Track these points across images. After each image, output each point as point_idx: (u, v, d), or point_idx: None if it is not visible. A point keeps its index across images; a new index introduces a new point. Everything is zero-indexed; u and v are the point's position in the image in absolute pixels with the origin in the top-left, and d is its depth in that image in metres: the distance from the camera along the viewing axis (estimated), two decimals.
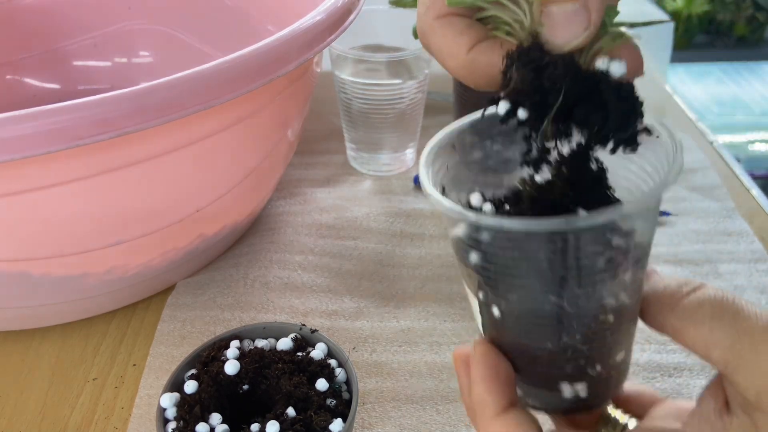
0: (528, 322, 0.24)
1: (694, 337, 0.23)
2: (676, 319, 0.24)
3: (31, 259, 0.36)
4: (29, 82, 0.63)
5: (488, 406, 0.25)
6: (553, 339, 0.24)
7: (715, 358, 0.23)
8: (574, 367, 0.25)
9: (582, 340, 0.24)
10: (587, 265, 0.22)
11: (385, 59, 0.52)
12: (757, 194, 0.57)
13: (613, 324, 0.24)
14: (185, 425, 0.31)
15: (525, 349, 0.25)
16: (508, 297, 0.24)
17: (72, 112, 0.28)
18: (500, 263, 0.23)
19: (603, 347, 0.24)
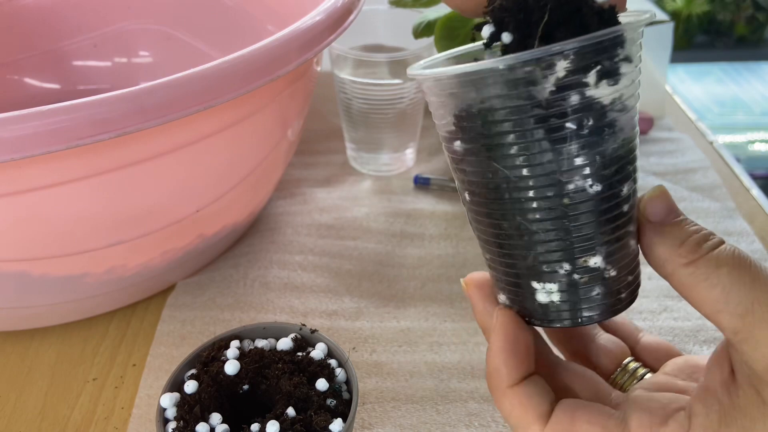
0: (484, 197, 0.24)
1: (705, 297, 0.22)
2: (689, 274, 0.23)
3: (30, 259, 0.36)
4: (29, 82, 0.63)
5: (503, 377, 0.25)
6: (508, 218, 0.24)
7: (725, 323, 0.22)
8: (536, 259, 0.24)
9: (533, 220, 0.23)
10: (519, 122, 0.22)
11: (385, 59, 0.52)
12: (758, 194, 0.57)
13: (570, 209, 0.23)
14: (185, 425, 0.31)
15: (492, 236, 0.25)
16: (466, 170, 0.24)
17: (72, 112, 0.28)
18: (451, 129, 0.24)
19: (562, 237, 0.23)
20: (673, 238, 0.24)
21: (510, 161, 0.23)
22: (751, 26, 1.91)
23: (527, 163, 0.23)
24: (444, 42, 0.48)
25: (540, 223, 0.23)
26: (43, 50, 0.63)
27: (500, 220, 0.24)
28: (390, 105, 0.54)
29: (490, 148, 0.23)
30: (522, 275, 0.25)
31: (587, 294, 0.25)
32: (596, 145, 0.23)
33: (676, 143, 0.63)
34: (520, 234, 0.24)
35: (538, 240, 0.24)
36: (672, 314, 0.44)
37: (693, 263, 0.23)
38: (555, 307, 0.25)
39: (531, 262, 0.24)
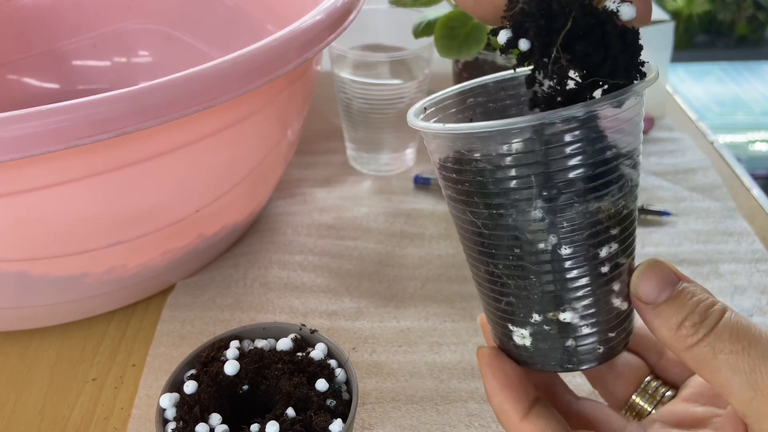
0: (463, 241, 0.26)
1: (713, 381, 0.22)
2: (692, 358, 0.23)
3: (30, 259, 0.36)
4: (29, 82, 0.63)
5: (510, 415, 0.25)
6: (482, 264, 0.25)
7: (734, 405, 0.22)
8: (508, 305, 0.25)
9: (504, 272, 0.24)
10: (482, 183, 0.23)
11: (385, 59, 0.52)
12: (758, 194, 0.56)
13: (536, 267, 0.23)
14: (185, 425, 0.31)
15: (474, 275, 0.26)
16: (455, 214, 0.25)
17: (71, 112, 0.28)
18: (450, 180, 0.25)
19: (530, 290, 0.24)
20: (669, 321, 0.23)
21: (481, 214, 0.24)
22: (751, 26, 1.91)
23: (496, 218, 0.23)
24: (444, 42, 0.48)
25: (509, 275, 0.24)
26: (42, 50, 0.63)
27: (478, 263, 0.25)
28: (390, 105, 0.54)
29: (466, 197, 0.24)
30: (500, 316, 0.26)
31: (559, 345, 0.25)
32: (563, 210, 0.22)
33: (677, 143, 0.63)
34: (493, 280, 0.25)
35: (508, 290, 0.25)
36: None
37: (693, 348, 0.23)
38: (528, 352, 0.26)
39: (504, 306, 0.25)
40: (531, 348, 0.25)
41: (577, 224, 0.23)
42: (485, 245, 0.24)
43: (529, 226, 0.23)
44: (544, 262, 0.23)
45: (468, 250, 0.26)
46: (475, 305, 0.45)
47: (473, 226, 0.24)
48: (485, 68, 0.53)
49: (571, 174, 0.22)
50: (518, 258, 0.24)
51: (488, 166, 0.22)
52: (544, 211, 0.22)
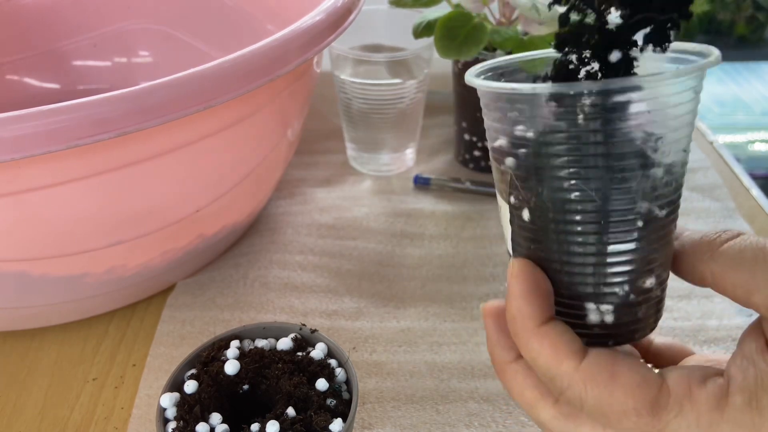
0: (556, 219, 0.24)
1: (735, 282, 0.23)
2: (716, 264, 0.23)
3: (30, 259, 0.36)
4: (29, 82, 0.63)
5: (529, 317, 0.24)
6: (581, 239, 0.24)
7: (756, 301, 0.23)
8: (599, 281, 0.24)
9: (609, 241, 0.23)
10: (615, 148, 0.22)
11: (385, 59, 0.52)
12: (758, 194, 0.56)
13: (643, 232, 0.23)
14: (185, 425, 0.31)
15: (553, 257, 0.25)
16: (539, 189, 0.24)
17: (72, 112, 0.28)
18: (534, 152, 0.23)
19: (630, 259, 0.24)
20: (690, 240, 0.25)
21: (596, 183, 0.23)
22: (751, 26, 1.91)
23: (617, 190, 0.23)
24: (444, 42, 0.48)
25: (613, 245, 0.24)
26: (43, 50, 0.63)
27: (571, 243, 0.24)
28: (390, 105, 0.54)
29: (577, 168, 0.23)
30: (578, 296, 0.25)
31: (636, 314, 0.25)
32: (678, 169, 0.24)
33: None
34: (590, 255, 0.24)
35: (608, 262, 0.24)
36: (672, 314, 0.44)
37: (718, 254, 0.24)
38: (604, 327, 0.25)
39: (594, 282, 0.24)
40: (608, 322, 0.25)
41: (677, 183, 0.24)
42: (595, 215, 0.23)
43: (642, 191, 0.23)
44: (650, 228, 0.24)
45: (559, 229, 0.24)
46: (475, 305, 0.45)
47: (581, 197, 0.23)
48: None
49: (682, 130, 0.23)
50: (629, 225, 0.23)
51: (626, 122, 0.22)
52: (664, 171, 0.23)
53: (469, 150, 0.59)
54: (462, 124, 0.58)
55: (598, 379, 0.23)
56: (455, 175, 0.58)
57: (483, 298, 0.45)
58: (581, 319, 0.25)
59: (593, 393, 0.23)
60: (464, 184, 0.56)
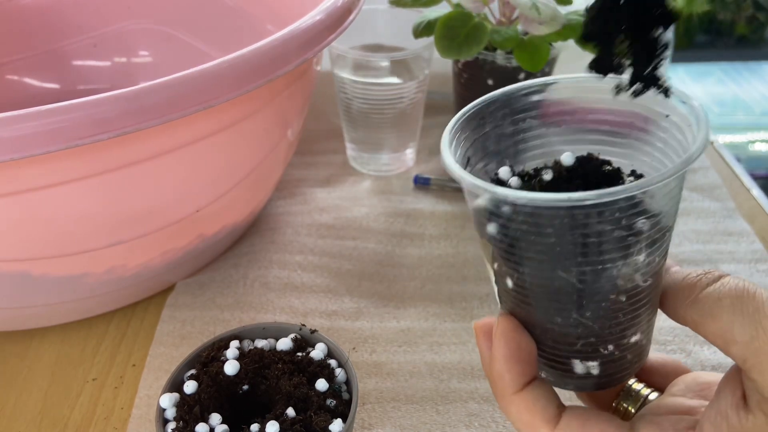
0: (539, 295, 0.24)
1: (714, 331, 0.23)
2: (695, 311, 0.23)
3: (30, 259, 0.36)
4: (29, 82, 0.63)
5: (508, 384, 0.25)
6: (563, 314, 0.24)
7: (734, 353, 0.22)
8: (585, 344, 0.24)
9: (592, 318, 0.24)
10: (596, 244, 0.22)
11: (385, 59, 0.52)
12: (758, 194, 0.56)
13: (626, 305, 0.24)
14: (185, 425, 0.31)
15: (536, 322, 0.25)
16: (520, 269, 0.24)
17: (71, 111, 0.28)
18: (515, 236, 0.23)
19: (615, 327, 0.24)
20: (674, 281, 0.25)
21: (575, 268, 0.23)
22: (751, 26, 1.91)
23: (594, 272, 0.23)
24: (444, 42, 0.48)
25: (597, 319, 0.24)
26: (43, 50, 0.63)
27: (553, 314, 0.24)
28: (390, 105, 0.54)
29: (555, 256, 0.23)
30: (563, 356, 0.25)
31: (621, 365, 0.26)
32: (661, 245, 0.24)
33: None
34: (574, 326, 0.24)
35: (589, 332, 0.24)
36: None
37: (697, 300, 0.23)
38: (590, 377, 0.26)
39: (580, 347, 0.25)
40: (594, 374, 0.25)
41: (662, 255, 0.24)
42: (578, 297, 0.23)
43: (635, 269, 0.23)
44: (635, 299, 0.24)
45: (539, 306, 0.24)
46: (475, 305, 0.45)
47: (562, 282, 0.23)
48: (485, 68, 0.53)
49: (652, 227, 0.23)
50: (611, 301, 0.23)
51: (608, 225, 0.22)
52: (646, 254, 0.23)
53: None
54: None
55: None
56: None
57: (483, 298, 0.45)
58: (568, 371, 0.26)
59: None
60: None
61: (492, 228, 0.24)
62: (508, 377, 0.25)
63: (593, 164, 0.26)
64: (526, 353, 0.25)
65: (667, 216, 0.23)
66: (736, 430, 0.22)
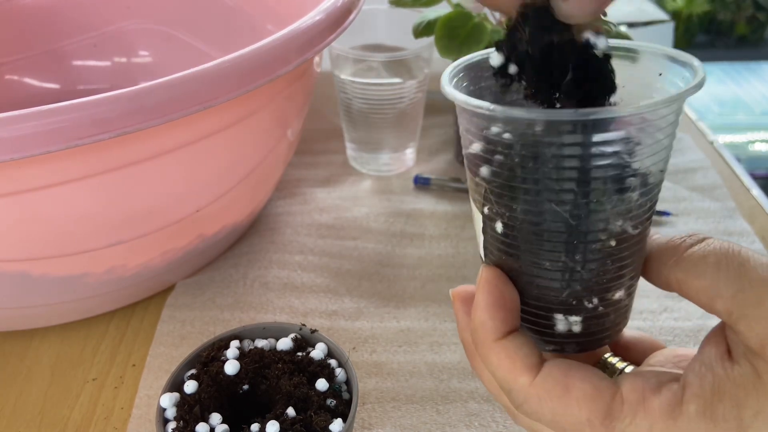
0: (529, 236, 0.24)
1: (698, 288, 0.23)
2: (680, 270, 0.24)
3: (30, 259, 0.36)
4: (29, 82, 0.63)
5: (490, 330, 0.25)
6: (552, 256, 0.24)
7: (719, 307, 0.23)
8: (570, 295, 0.24)
9: (581, 261, 0.24)
10: (592, 173, 0.22)
11: (385, 59, 0.52)
12: (758, 194, 0.56)
13: (615, 250, 0.24)
14: (185, 425, 0.31)
15: (523, 269, 0.25)
16: (513, 206, 0.24)
17: (71, 111, 0.28)
18: (509, 168, 0.23)
19: (602, 276, 0.24)
20: (657, 245, 0.25)
21: (570, 199, 0.23)
22: (751, 26, 1.91)
23: (587, 205, 0.23)
24: (444, 42, 0.48)
25: (586, 263, 0.24)
26: (43, 50, 0.63)
27: (543, 259, 0.24)
28: (390, 105, 0.54)
29: (550, 185, 0.23)
30: (547, 307, 0.25)
31: (604, 324, 0.25)
32: (652, 189, 0.24)
33: (677, 143, 0.63)
34: (562, 271, 0.24)
35: (579, 278, 0.24)
36: (672, 314, 0.44)
37: (682, 259, 0.24)
38: (572, 336, 0.25)
39: (565, 297, 0.25)
40: (576, 332, 0.25)
41: (651, 203, 0.24)
42: (569, 235, 0.23)
43: (628, 210, 0.23)
44: (623, 245, 0.24)
45: (529, 247, 0.24)
46: None
47: (555, 217, 0.23)
48: (485, 68, 0.52)
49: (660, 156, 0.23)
50: (602, 243, 0.23)
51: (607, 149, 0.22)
52: (639, 194, 0.23)
53: None
54: None
55: (552, 394, 0.24)
56: (455, 175, 0.58)
57: None
58: (549, 329, 0.26)
59: (548, 407, 0.24)
60: (464, 184, 0.56)
61: (485, 169, 0.24)
62: (491, 324, 0.24)
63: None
64: (509, 301, 0.25)
65: (658, 161, 0.23)
66: (721, 379, 0.22)
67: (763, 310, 0.21)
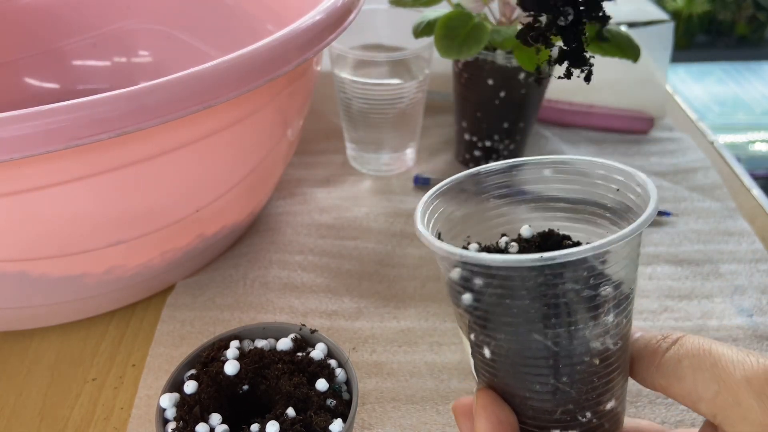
0: (517, 362, 0.25)
1: (680, 392, 0.24)
2: (660, 376, 0.24)
3: (29, 259, 0.36)
4: (29, 81, 0.63)
5: None
6: (541, 380, 0.25)
7: (703, 410, 0.23)
8: (563, 412, 0.25)
9: (569, 383, 0.24)
10: (568, 305, 0.23)
11: (385, 59, 0.52)
12: (758, 194, 0.56)
13: (600, 368, 0.24)
14: (185, 425, 0.31)
15: (516, 392, 0.26)
16: (497, 336, 0.25)
17: (71, 111, 0.28)
18: (489, 303, 0.24)
19: (591, 392, 0.25)
20: (638, 348, 0.26)
21: (550, 330, 0.24)
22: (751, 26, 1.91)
23: (568, 333, 0.24)
24: (444, 42, 0.48)
25: (574, 383, 0.24)
26: (42, 50, 0.63)
27: (533, 382, 0.25)
28: (390, 105, 0.54)
29: (529, 318, 0.24)
30: (543, 426, 0.26)
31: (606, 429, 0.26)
32: (626, 307, 0.24)
33: (677, 143, 0.63)
34: (552, 392, 0.25)
35: (568, 399, 0.25)
36: (672, 314, 0.44)
37: (661, 365, 0.25)
38: None
39: (558, 416, 0.25)
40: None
41: (629, 318, 0.25)
42: (554, 361, 0.24)
43: (605, 330, 0.24)
44: (607, 362, 0.24)
45: (518, 371, 0.25)
46: None
47: (538, 345, 0.24)
48: (485, 68, 0.53)
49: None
50: (586, 364, 0.24)
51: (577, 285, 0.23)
52: (614, 315, 0.24)
53: (470, 150, 0.59)
54: (462, 123, 0.58)
55: None
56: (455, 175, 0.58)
57: None
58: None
59: None
60: None
61: (467, 297, 0.25)
62: None
63: (554, 239, 0.28)
64: (507, 426, 0.25)
65: (627, 281, 0.24)
66: None
67: (741, 410, 0.22)
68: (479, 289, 0.24)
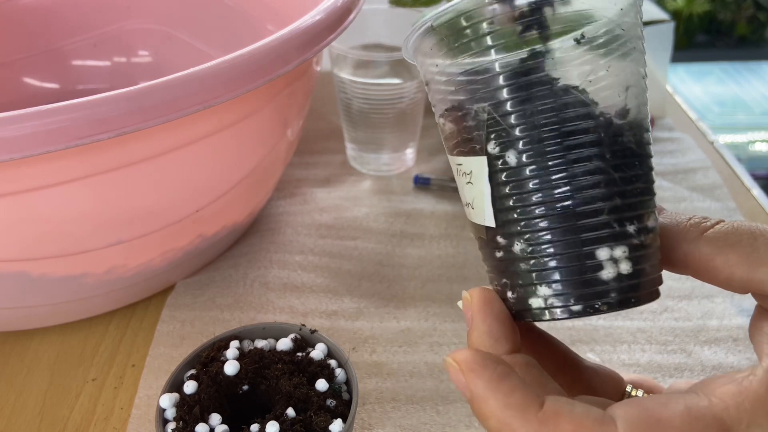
0: (554, 143, 0.22)
1: (730, 261, 0.22)
2: (706, 244, 0.23)
3: (29, 259, 0.36)
4: (29, 81, 0.63)
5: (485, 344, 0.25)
6: (585, 164, 0.22)
7: (738, 275, 0.22)
8: (612, 210, 0.23)
9: (611, 159, 0.23)
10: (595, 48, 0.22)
11: (385, 59, 0.52)
12: (758, 194, 0.56)
13: (636, 150, 0.23)
14: (185, 426, 0.31)
15: (557, 200, 0.23)
16: (527, 110, 0.23)
17: (71, 111, 0.28)
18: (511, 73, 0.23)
19: (633, 181, 0.23)
20: (674, 218, 0.24)
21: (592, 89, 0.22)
22: (751, 26, 1.91)
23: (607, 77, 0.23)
24: None
25: (618, 165, 0.23)
26: (42, 50, 0.63)
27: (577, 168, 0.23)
28: (390, 105, 0.54)
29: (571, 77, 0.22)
30: (592, 241, 0.23)
31: (649, 259, 0.24)
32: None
33: (677, 143, 0.63)
34: (596, 179, 0.23)
35: (614, 185, 0.23)
36: (673, 314, 0.44)
37: (709, 234, 0.23)
38: (623, 280, 0.23)
39: (606, 215, 0.23)
40: (626, 271, 0.23)
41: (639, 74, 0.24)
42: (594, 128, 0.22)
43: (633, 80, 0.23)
44: (643, 143, 0.24)
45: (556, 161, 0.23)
46: None
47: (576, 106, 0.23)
48: None
49: None
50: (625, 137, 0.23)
51: None
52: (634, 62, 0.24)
53: None
54: None
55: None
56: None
57: None
58: (595, 277, 0.23)
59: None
60: None
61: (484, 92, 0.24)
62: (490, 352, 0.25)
63: None
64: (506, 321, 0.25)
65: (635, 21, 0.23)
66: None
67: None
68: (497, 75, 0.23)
